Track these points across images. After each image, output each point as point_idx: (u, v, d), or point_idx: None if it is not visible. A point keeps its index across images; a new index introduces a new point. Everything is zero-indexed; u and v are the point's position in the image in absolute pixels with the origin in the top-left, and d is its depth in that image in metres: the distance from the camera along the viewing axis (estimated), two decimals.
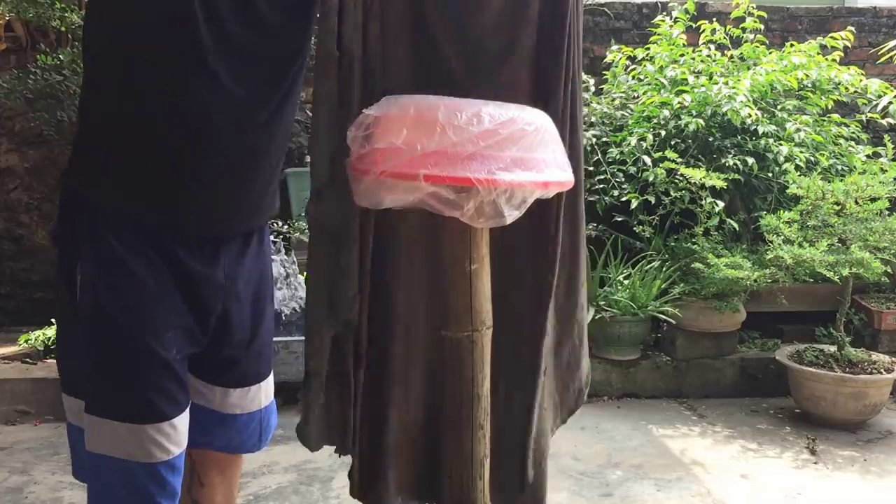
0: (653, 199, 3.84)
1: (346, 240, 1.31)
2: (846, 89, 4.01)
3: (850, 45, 4.23)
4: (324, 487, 2.76)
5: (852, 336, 3.76)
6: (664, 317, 3.70)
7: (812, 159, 3.80)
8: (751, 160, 3.73)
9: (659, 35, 4.25)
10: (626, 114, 4.22)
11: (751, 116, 3.71)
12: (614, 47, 4.38)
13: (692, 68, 4.08)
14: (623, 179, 4.01)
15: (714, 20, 4.33)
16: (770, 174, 3.85)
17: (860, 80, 3.96)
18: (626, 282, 3.79)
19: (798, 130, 3.78)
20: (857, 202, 3.38)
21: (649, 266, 3.81)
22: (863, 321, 3.96)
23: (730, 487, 2.82)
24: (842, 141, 4.04)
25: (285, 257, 3.51)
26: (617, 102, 4.29)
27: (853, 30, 4.26)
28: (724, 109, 3.74)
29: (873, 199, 3.37)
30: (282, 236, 3.75)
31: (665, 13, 4.41)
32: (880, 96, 4.04)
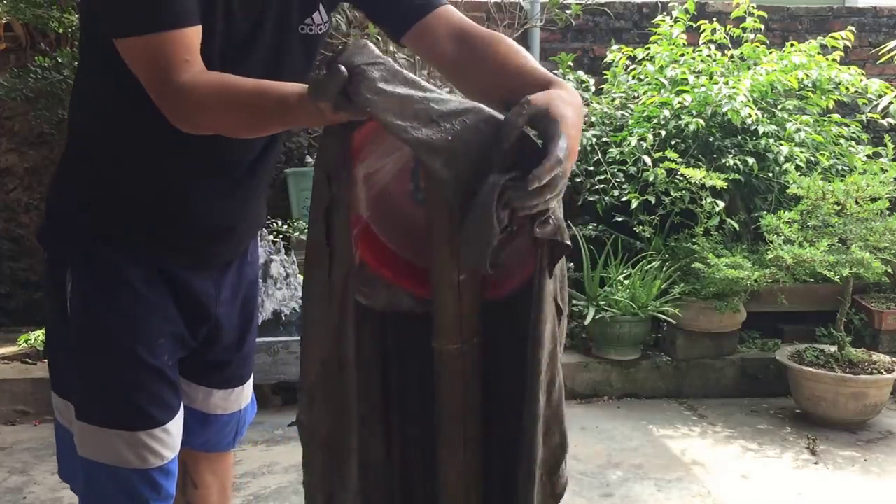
0: (653, 199, 3.83)
1: (344, 453, 1.17)
2: (846, 89, 4.01)
3: (850, 45, 4.22)
4: None
5: (853, 336, 3.76)
6: (664, 317, 3.70)
7: (812, 159, 3.80)
8: (751, 160, 3.72)
9: (659, 35, 4.25)
10: (627, 114, 4.21)
11: (751, 116, 3.71)
12: (614, 47, 4.37)
13: (692, 68, 4.08)
14: (623, 179, 4.01)
15: (714, 20, 4.32)
16: (770, 174, 3.84)
17: (860, 80, 3.96)
18: (626, 282, 3.78)
19: (798, 130, 3.78)
20: (857, 202, 3.38)
21: (649, 266, 3.81)
22: (863, 321, 3.96)
23: (730, 487, 2.82)
24: (842, 141, 4.03)
25: (285, 257, 3.50)
26: (617, 102, 4.29)
27: (853, 30, 4.25)
28: (725, 109, 3.73)
29: (874, 199, 3.37)
30: (282, 236, 3.75)
31: (665, 13, 4.41)
32: (881, 96, 4.04)
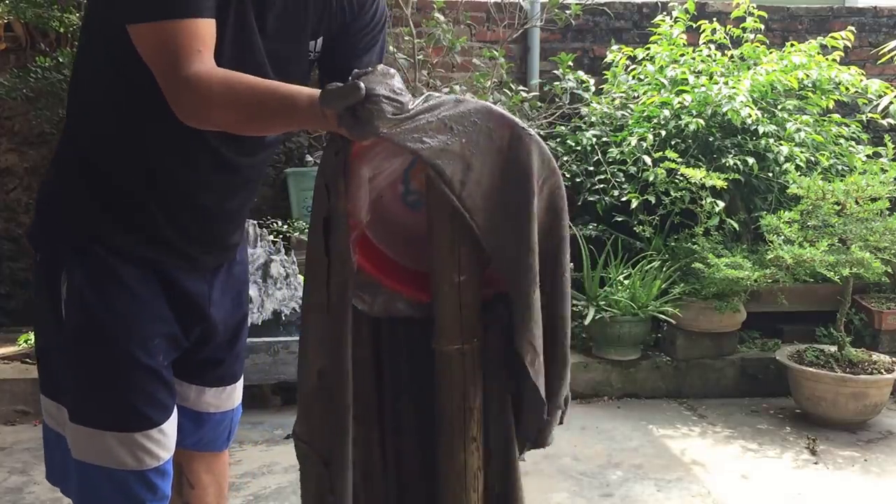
0: (653, 199, 3.83)
1: (340, 465, 1.18)
2: (846, 89, 4.00)
3: (850, 45, 4.22)
4: None
5: (853, 336, 3.76)
6: (664, 317, 3.70)
7: (812, 159, 3.80)
8: (751, 160, 3.72)
9: (659, 35, 4.25)
10: (627, 114, 4.21)
11: (751, 116, 3.71)
12: (614, 47, 4.37)
13: (692, 68, 4.08)
14: (623, 179, 4.01)
15: (714, 20, 4.32)
16: (770, 174, 3.84)
17: (860, 80, 3.96)
18: (626, 282, 3.78)
19: (798, 130, 3.77)
20: (857, 202, 3.38)
21: (649, 266, 3.81)
22: (863, 321, 3.96)
23: (730, 488, 2.82)
24: (842, 141, 4.03)
25: (285, 257, 3.49)
26: (617, 102, 4.29)
27: (853, 30, 4.25)
28: (725, 109, 3.73)
29: (874, 199, 3.37)
30: (282, 236, 3.75)
31: (665, 13, 4.40)
32: (881, 96, 4.04)
